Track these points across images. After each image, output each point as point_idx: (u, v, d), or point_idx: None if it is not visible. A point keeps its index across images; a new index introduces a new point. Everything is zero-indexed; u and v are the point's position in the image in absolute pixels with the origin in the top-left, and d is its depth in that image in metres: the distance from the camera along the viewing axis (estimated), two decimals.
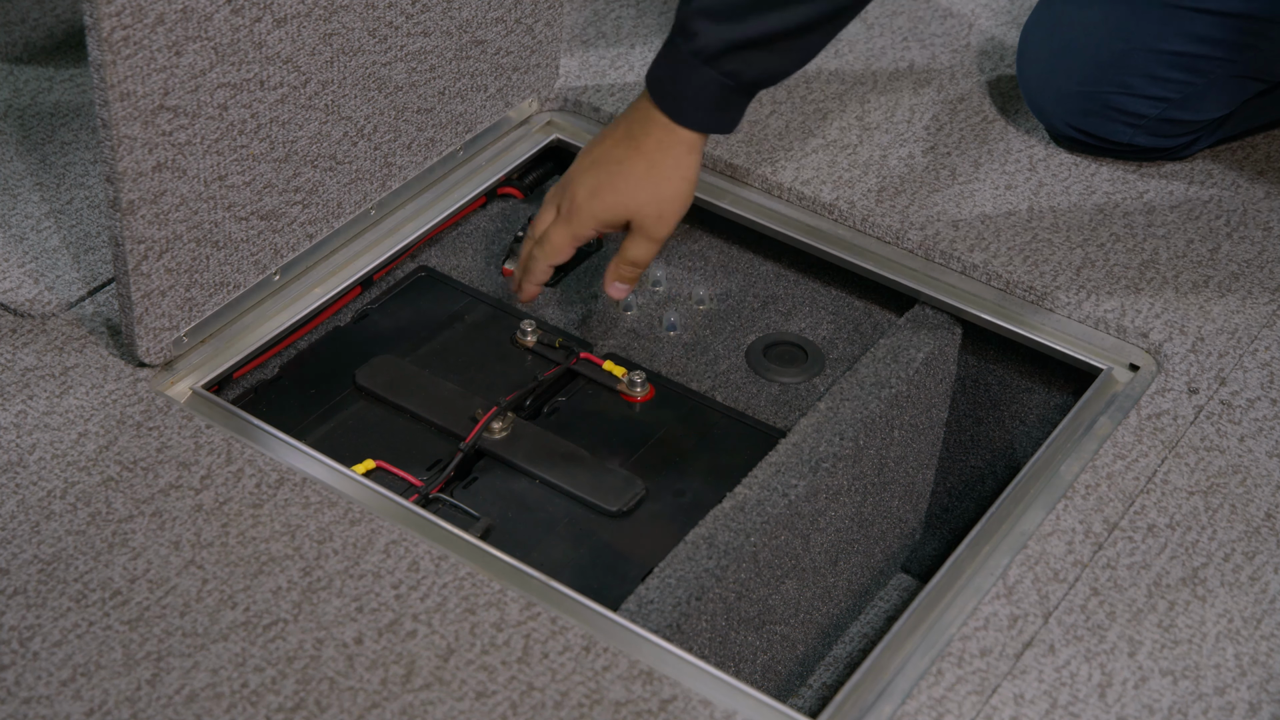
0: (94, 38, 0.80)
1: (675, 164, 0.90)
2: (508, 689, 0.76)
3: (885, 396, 0.97)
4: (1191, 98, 1.09)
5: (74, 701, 0.75)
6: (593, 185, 0.91)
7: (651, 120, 0.90)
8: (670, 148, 0.90)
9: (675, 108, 0.89)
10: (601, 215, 0.92)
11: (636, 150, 0.90)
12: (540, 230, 0.95)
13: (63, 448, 0.88)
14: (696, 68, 0.87)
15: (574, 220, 0.92)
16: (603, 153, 0.92)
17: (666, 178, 0.90)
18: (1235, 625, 0.82)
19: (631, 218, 0.91)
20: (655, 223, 0.91)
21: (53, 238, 1.03)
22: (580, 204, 0.92)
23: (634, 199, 0.91)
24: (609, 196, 0.91)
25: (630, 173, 0.90)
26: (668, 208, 0.91)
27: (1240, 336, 0.99)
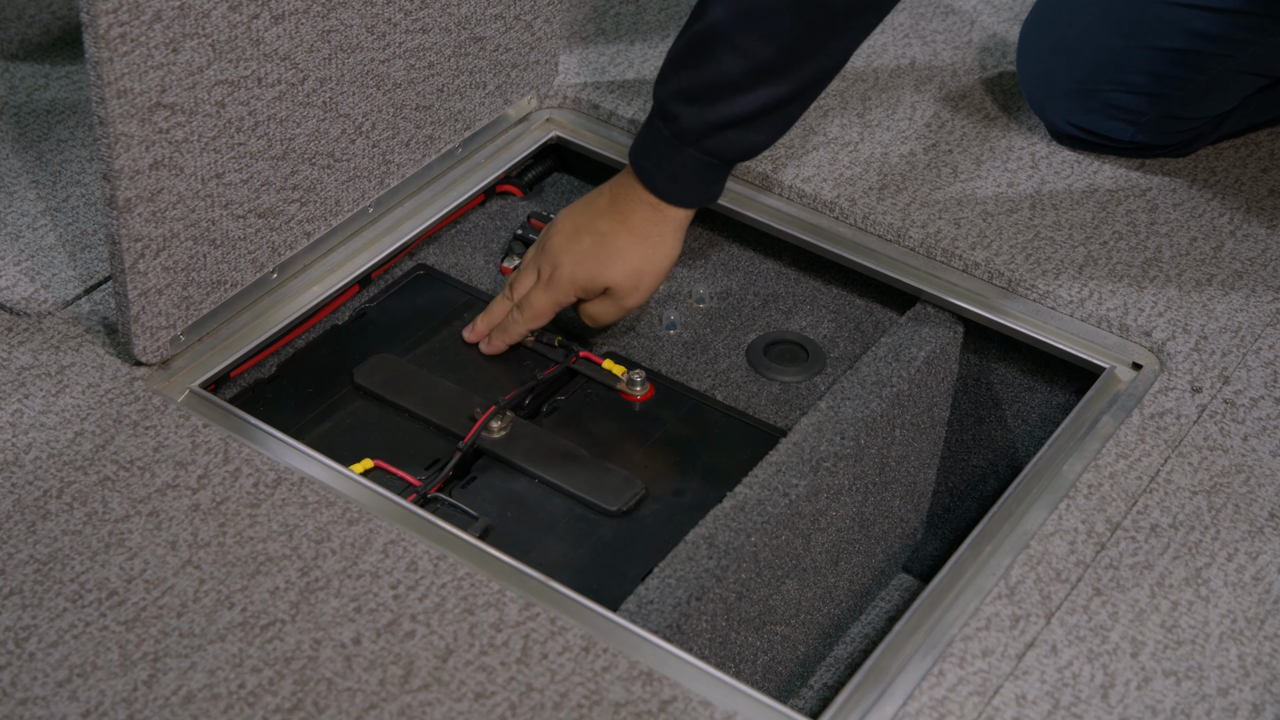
0: (90, 35, 0.79)
1: (660, 240, 0.94)
2: (507, 690, 0.76)
3: (886, 395, 0.97)
4: (1192, 95, 1.08)
5: (70, 702, 0.75)
6: (578, 255, 0.94)
7: (638, 198, 0.93)
8: (656, 224, 0.94)
9: (662, 188, 0.93)
10: (583, 284, 0.95)
11: (623, 225, 0.94)
12: (520, 294, 0.98)
13: (59, 447, 0.88)
14: (680, 149, 0.91)
15: (554, 288, 0.95)
16: (587, 222, 0.95)
17: (649, 252, 0.94)
18: (1239, 626, 0.81)
19: (611, 287, 0.95)
20: (630, 292, 0.95)
21: (49, 236, 1.02)
22: (563, 273, 0.95)
23: (617, 271, 0.94)
24: (592, 267, 0.94)
25: (614, 246, 0.94)
26: (645, 280, 0.95)
27: (1244, 335, 0.99)
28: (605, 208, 0.95)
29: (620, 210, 0.94)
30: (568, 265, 0.95)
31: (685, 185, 0.93)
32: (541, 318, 0.97)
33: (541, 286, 0.96)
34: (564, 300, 0.96)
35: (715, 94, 0.88)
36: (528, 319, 0.97)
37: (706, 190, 0.94)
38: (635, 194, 0.93)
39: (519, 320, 0.97)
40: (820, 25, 0.86)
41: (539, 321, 0.97)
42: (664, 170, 0.92)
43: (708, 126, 0.90)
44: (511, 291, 0.98)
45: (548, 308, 0.96)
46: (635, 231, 0.93)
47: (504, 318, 0.99)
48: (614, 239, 0.94)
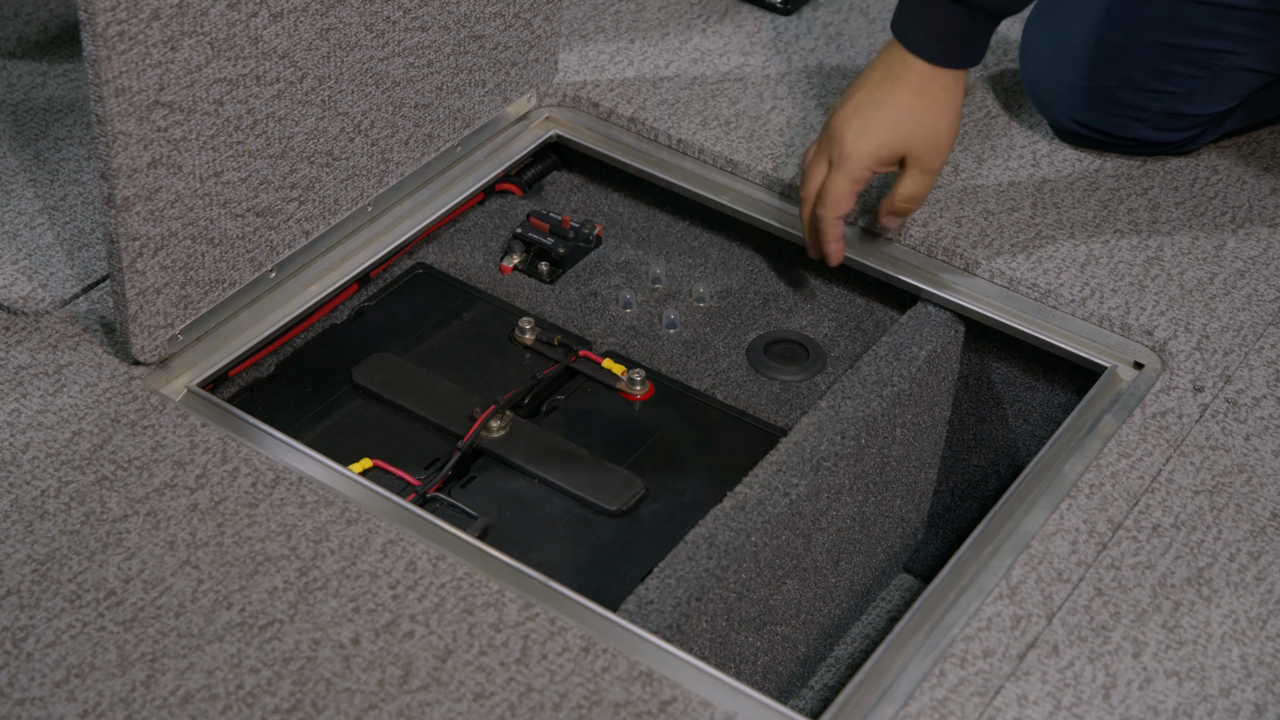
0: (88, 33, 0.79)
1: (941, 94, 0.94)
2: (506, 690, 0.76)
3: (887, 395, 0.97)
4: (1196, 91, 1.08)
5: (68, 703, 0.75)
6: (860, 127, 0.94)
7: (907, 61, 0.94)
8: (934, 79, 0.94)
9: (927, 48, 0.93)
10: (877, 153, 0.94)
11: (902, 87, 0.94)
12: (813, 188, 0.97)
13: (56, 446, 0.87)
14: (945, 6, 0.92)
15: (848, 165, 0.94)
16: (864, 97, 0.95)
17: (936, 109, 0.94)
18: (1241, 626, 0.81)
19: (907, 152, 0.95)
20: (930, 154, 0.95)
21: (46, 234, 1.02)
22: (851, 148, 0.94)
23: (907, 133, 0.94)
24: (881, 134, 0.94)
25: (898, 109, 0.94)
26: (941, 139, 0.94)
27: (1246, 334, 0.99)
28: (880, 79, 0.94)
29: (895, 75, 0.94)
30: (854, 140, 0.94)
31: (951, 44, 0.93)
32: (843, 202, 0.96)
33: (835, 170, 0.95)
34: (861, 177, 0.95)
35: None
36: (831, 208, 0.96)
37: (974, 49, 0.94)
38: (905, 61, 0.94)
39: (824, 215, 0.96)
40: None
41: (844, 207, 0.96)
42: (931, 30, 0.92)
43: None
44: (806, 191, 0.98)
45: (846, 190, 0.95)
46: (915, 91, 0.93)
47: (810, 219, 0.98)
48: (896, 103, 0.94)
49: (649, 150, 1.13)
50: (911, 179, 0.96)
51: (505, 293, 1.07)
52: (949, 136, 0.95)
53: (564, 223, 1.09)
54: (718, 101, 1.17)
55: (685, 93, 1.17)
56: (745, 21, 1.26)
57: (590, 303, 1.06)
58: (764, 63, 1.21)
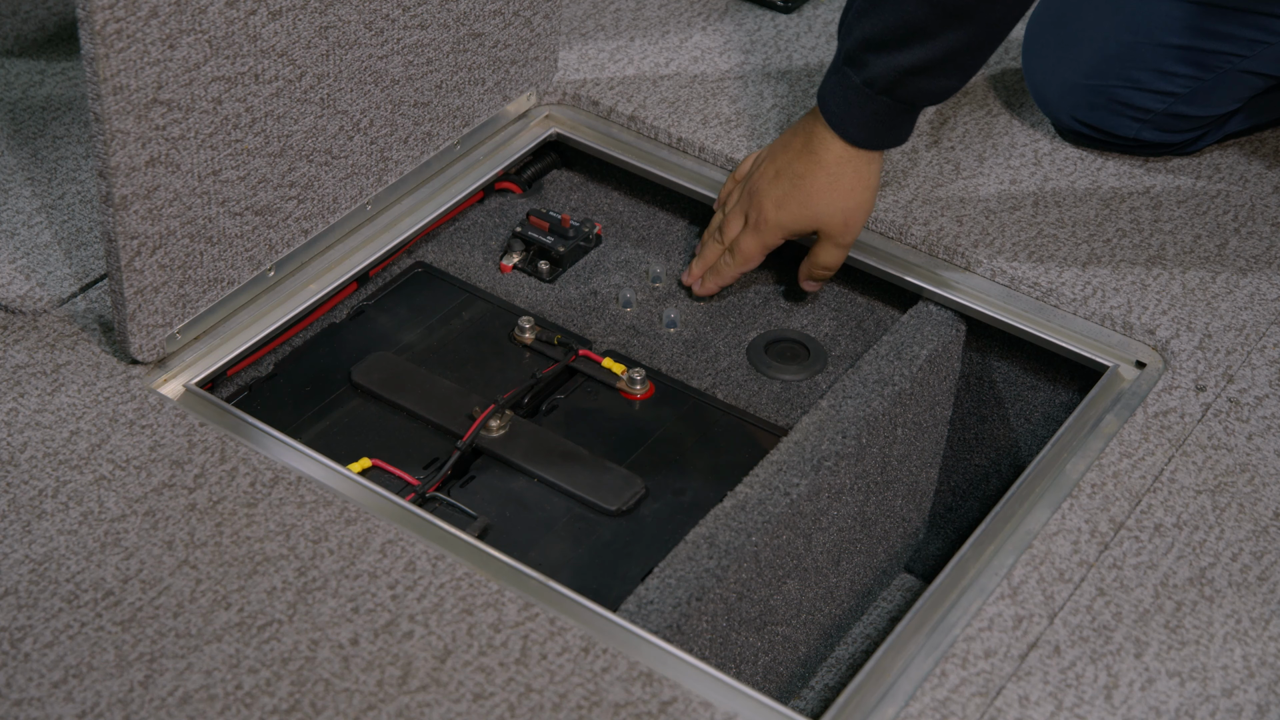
0: (86, 31, 0.79)
1: (855, 177, 0.97)
2: (506, 690, 0.76)
3: (888, 394, 0.97)
4: (1199, 93, 1.08)
5: (66, 703, 0.74)
6: (778, 197, 0.98)
7: (828, 139, 0.96)
8: (849, 162, 0.97)
9: (852, 135, 0.95)
10: (789, 225, 0.99)
11: (818, 165, 0.97)
12: (730, 238, 1.02)
13: (54, 446, 0.87)
14: (870, 97, 0.94)
15: (763, 230, 0.99)
16: (785, 164, 0.99)
17: (849, 190, 0.97)
18: (1243, 626, 0.81)
19: (820, 228, 0.99)
20: (841, 231, 0.99)
21: (44, 233, 1.02)
22: (768, 215, 0.99)
23: (820, 210, 0.97)
24: (795, 209, 0.98)
25: (812, 187, 0.97)
26: (852, 217, 0.98)
27: (1248, 333, 0.98)
28: (800, 149, 0.98)
29: (814, 151, 0.97)
30: (771, 209, 0.98)
31: (875, 130, 0.95)
32: (752, 260, 1.01)
33: (750, 230, 1.00)
34: (771, 243, 1.00)
35: (902, 40, 0.90)
36: (739, 262, 1.01)
37: (898, 133, 0.96)
38: (826, 137, 0.96)
39: (731, 264, 1.01)
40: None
41: (750, 264, 1.01)
42: (854, 117, 0.94)
43: (898, 73, 0.91)
44: (722, 235, 1.02)
45: (757, 250, 1.00)
46: (830, 171, 0.96)
47: (716, 261, 1.02)
48: (811, 180, 0.97)
49: (649, 149, 1.13)
50: (825, 251, 1.00)
51: (505, 292, 1.06)
52: (861, 215, 0.98)
53: (564, 221, 1.08)
54: (718, 100, 1.16)
55: (685, 91, 1.17)
56: (745, 20, 1.25)
57: (590, 302, 1.06)
58: (764, 61, 1.21)
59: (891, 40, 0.90)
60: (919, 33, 0.89)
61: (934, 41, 0.89)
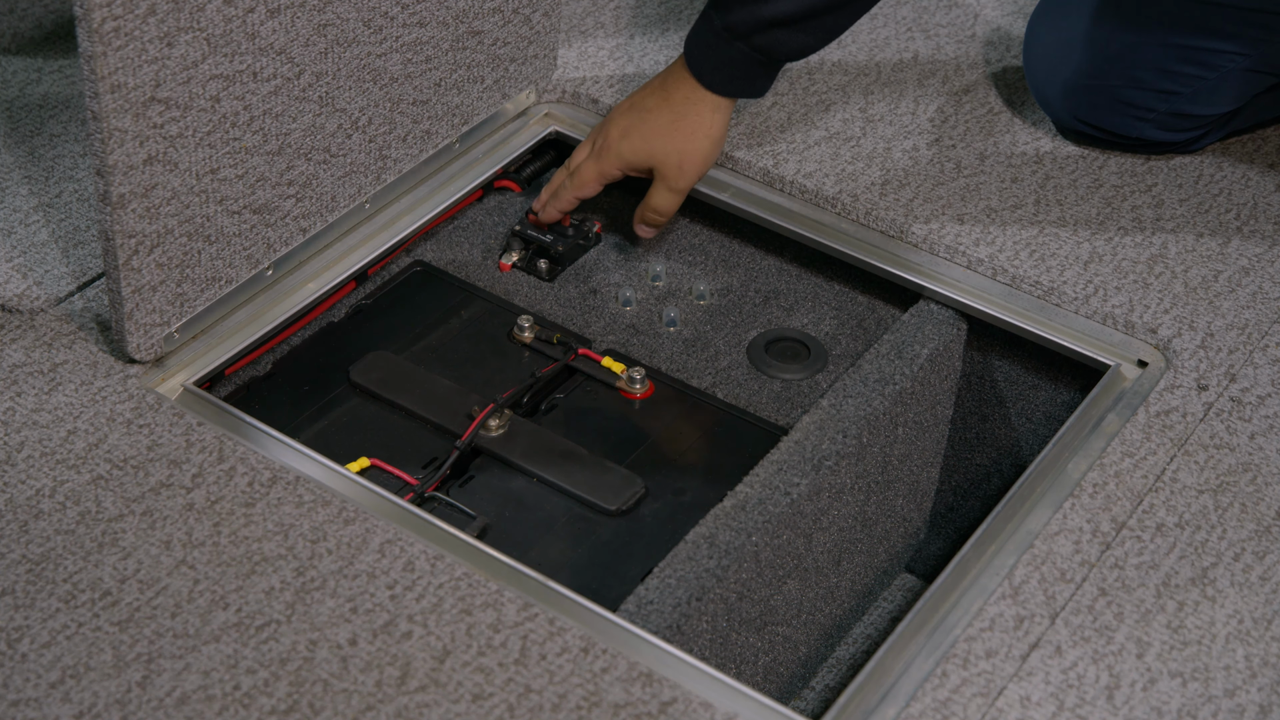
0: (84, 28, 0.79)
1: (698, 120, 0.97)
2: (505, 691, 0.75)
3: (889, 393, 0.96)
4: (1202, 92, 1.08)
5: (63, 704, 0.74)
6: (624, 127, 0.99)
7: (684, 78, 0.97)
8: (695, 104, 0.97)
9: (703, 74, 0.96)
10: (627, 157, 0.99)
11: (666, 102, 0.97)
12: (575, 163, 1.02)
13: (51, 445, 0.87)
14: (728, 41, 0.94)
15: (603, 158, 1.00)
16: (639, 99, 0.99)
17: (690, 132, 0.97)
18: (1245, 626, 0.81)
19: (655, 165, 0.99)
20: (675, 173, 0.98)
21: (41, 232, 1.02)
22: (610, 143, 0.99)
23: (658, 147, 0.98)
24: (636, 141, 0.98)
25: (657, 122, 0.98)
26: (688, 161, 0.98)
27: (1250, 332, 0.98)
28: (655, 86, 0.99)
29: (667, 88, 0.97)
30: (615, 137, 0.99)
31: (728, 75, 0.95)
32: (586, 186, 1.01)
33: (592, 156, 1.00)
34: (609, 172, 1.00)
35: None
36: (576, 186, 1.01)
37: (751, 84, 0.96)
38: (683, 76, 0.97)
39: (568, 187, 1.01)
40: None
41: (586, 190, 1.00)
42: (710, 59, 0.95)
43: (758, 22, 0.92)
44: (570, 161, 1.03)
45: (593, 177, 1.00)
46: (675, 109, 0.97)
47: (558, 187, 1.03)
48: (657, 115, 0.97)
49: None
50: (658, 193, 1.00)
51: (504, 290, 1.06)
52: (699, 162, 0.98)
53: (563, 220, 1.08)
54: None
55: None
56: None
57: (589, 300, 1.06)
58: None
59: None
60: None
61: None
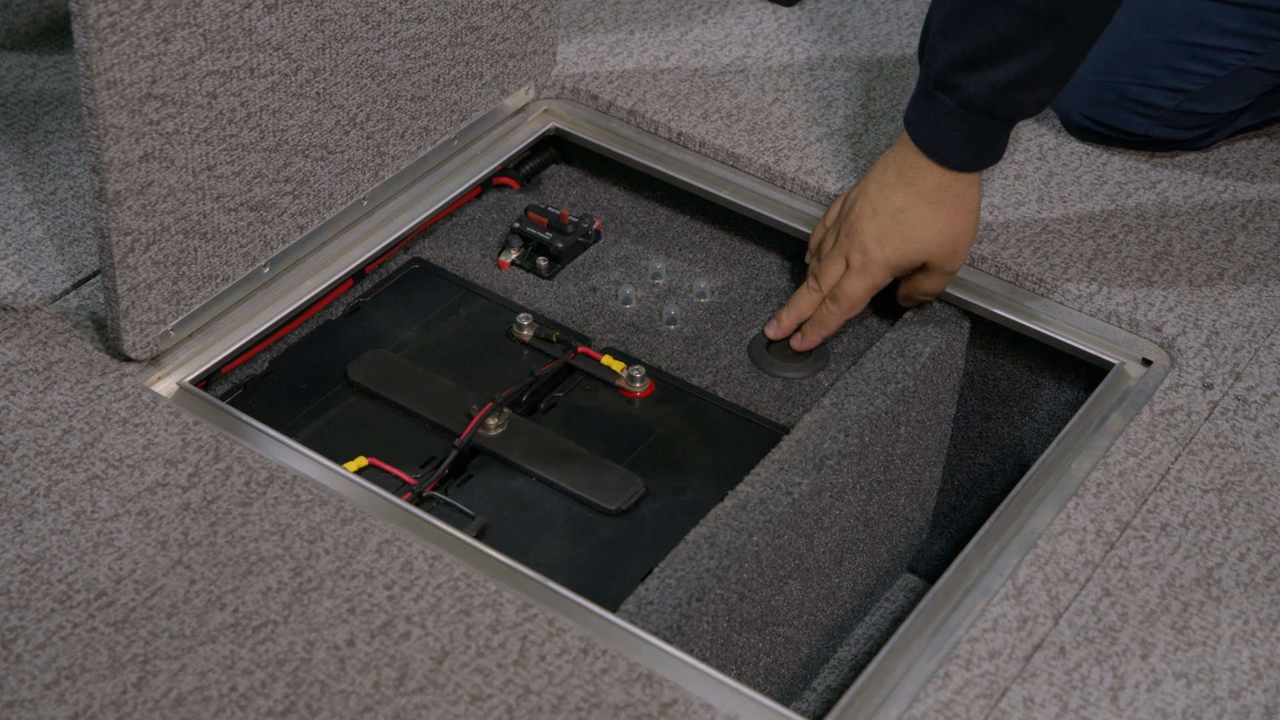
0: (80, 24, 0.79)
1: (958, 202, 0.94)
2: (504, 692, 0.75)
3: (891, 392, 0.96)
4: (1211, 90, 1.07)
5: (58, 705, 0.74)
6: (880, 234, 0.94)
7: (925, 165, 0.93)
8: (949, 186, 0.93)
9: (953, 159, 0.92)
10: (896, 262, 0.95)
11: (918, 195, 0.94)
12: (830, 283, 0.97)
13: (46, 444, 0.86)
14: (967, 119, 0.90)
15: (870, 271, 0.95)
16: (881, 201, 0.95)
17: (953, 216, 0.94)
18: (1251, 627, 0.80)
19: (926, 259, 0.95)
20: (949, 259, 0.95)
21: (36, 229, 1.01)
22: (872, 255, 0.95)
23: (926, 242, 0.94)
24: (900, 244, 0.94)
25: (915, 219, 0.94)
26: (959, 243, 0.95)
27: (1256, 330, 0.98)
28: (894, 181, 0.94)
29: (912, 182, 0.93)
30: (875, 247, 0.94)
31: (975, 151, 0.92)
32: (858, 305, 0.97)
33: (855, 273, 0.96)
34: (880, 283, 0.96)
35: (996, 56, 0.87)
36: (845, 309, 0.97)
37: (995, 151, 0.93)
38: (921, 162, 0.93)
39: (836, 312, 0.97)
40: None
41: (856, 309, 0.97)
42: (951, 141, 0.91)
43: (994, 90, 0.89)
44: (819, 283, 0.98)
45: (864, 293, 0.96)
46: (932, 200, 0.93)
47: (815, 310, 0.98)
48: (914, 212, 0.93)
49: (649, 143, 1.13)
50: (932, 279, 0.97)
51: (503, 288, 1.06)
52: (968, 240, 0.95)
53: (562, 217, 1.08)
54: (719, 94, 1.15)
55: (686, 85, 1.16)
56: (747, 13, 1.25)
57: (589, 298, 1.05)
58: (766, 54, 1.20)
59: (984, 57, 0.87)
60: (1013, 45, 0.86)
61: (1029, 53, 0.86)
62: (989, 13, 0.86)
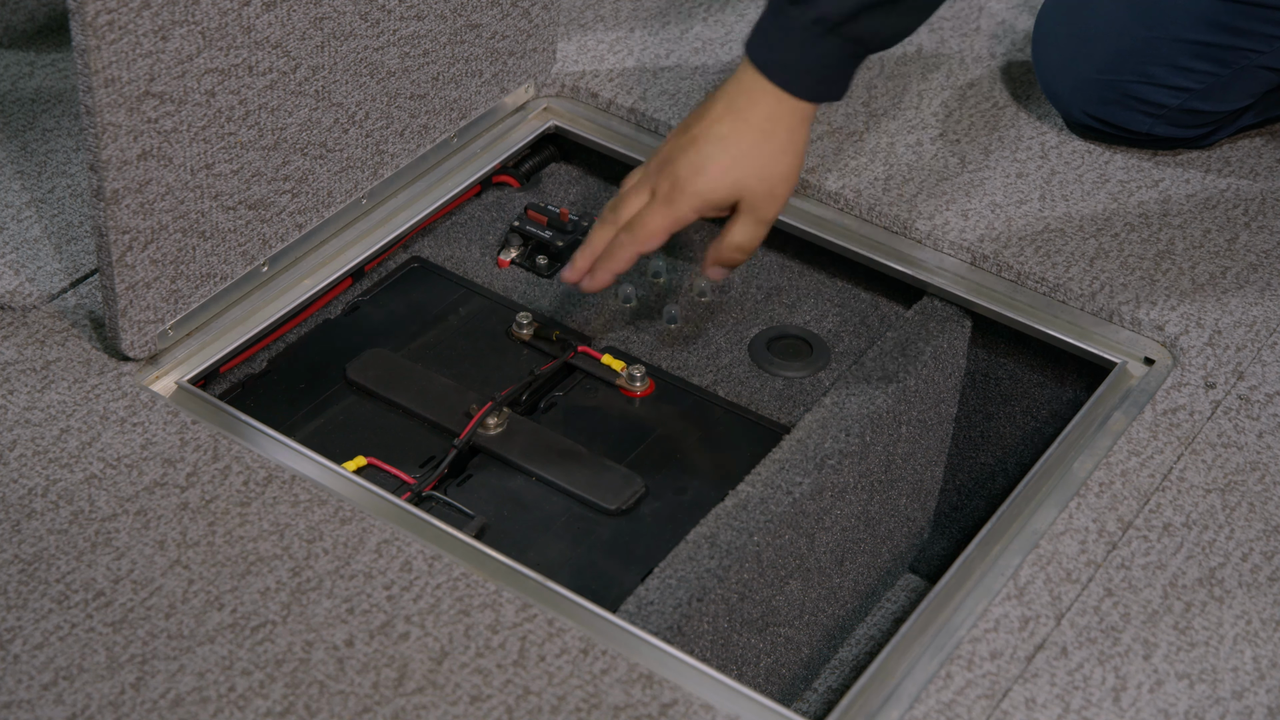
0: (77, 22, 0.78)
1: (788, 136, 0.85)
2: (503, 693, 0.75)
3: (893, 391, 0.96)
4: (1215, 88, 1.07)
5: (56, 706, 0.74)
6: (696, 162, 0.85)
7: (759, 91, 0.85)
8: (782, 119, 0.85)
9: (791, 80, 0.84)
10: (707, 195, 0.85)
11: (744, 123, 0.85)
12: (628, 214, 0.87)
13: (44, 444, 0.86)
14: (818, 38, 0.83)
15: (676, 202, 0.86)
16: (703, 129, 0.86)
17: (779, 151, 0.85)
18: (1254, 627, 0.80)
19: (741, 196, 0.86)
20: (766, 201, 0.86)
21: (34, 228, 1.01)
22: (683, 183, 0.85)
23: (744, 175, 0.85)
24: (716, 173, 0.85)
25: (737, 148, 0.85)
26: (780, 185, 0.86)
27: (1259, 329, 0.97)
28: (722, 111, 0.85)
29: (739, 108, 0.85)
30: (686, 174, 0.85)
31: (819, 77, 0.84)
32: (655, 238, 0.86)
33: (659, 202, 0.86)
34: (685, 217, 0.86)
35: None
36: (640, 240, 0.86)
37: (840, 84, 0.85)
38: (755, 87, 0.84)
39: (627, 243, 0.87)
40: None
41: (652, 243, 0.86)
42: (796, 60, 0.83)
43: (856, 8, 0.81)
44: (616, 215, 0.88)
45: (663, 226, 0.86)
46: (759, 128, 0.84)
47: (607, 245, 0.88)
48: (736, 140, 0.84)
49: (649, 142, 1.12)
50: (742, 227, 0.87)
51: (502, 287, 1.05)
52: (787, 184, 0.86)
53: (562, 215, 1.07)
54: None
55: (686, 83, 1.16)
56: (747, 10, 1.24)
57: (589, 297, 1.05)
58: None
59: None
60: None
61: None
62: None
